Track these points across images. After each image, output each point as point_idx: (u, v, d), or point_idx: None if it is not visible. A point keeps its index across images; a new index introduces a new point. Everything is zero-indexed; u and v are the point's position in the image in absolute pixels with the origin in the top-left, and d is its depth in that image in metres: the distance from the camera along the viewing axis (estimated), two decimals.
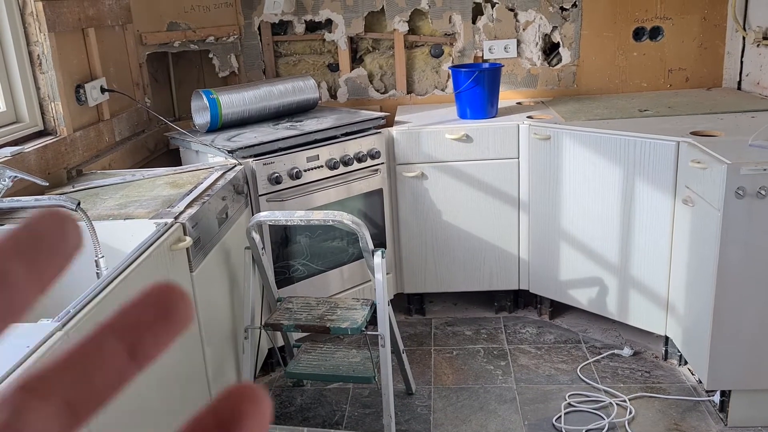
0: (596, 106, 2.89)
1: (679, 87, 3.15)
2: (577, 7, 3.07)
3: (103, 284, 1.39)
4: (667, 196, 2.32)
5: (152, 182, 2.18)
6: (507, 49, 3.13)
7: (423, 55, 3.22)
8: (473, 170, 2.75)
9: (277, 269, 2.48)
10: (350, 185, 2.63)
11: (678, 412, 2.26)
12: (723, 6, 3.02)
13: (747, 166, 1.93)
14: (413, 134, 2.73)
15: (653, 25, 3.08)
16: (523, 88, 3.20)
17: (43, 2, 2.13)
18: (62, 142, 2.22)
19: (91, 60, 2.46)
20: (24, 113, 2.19)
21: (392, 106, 3.20)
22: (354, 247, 2.67)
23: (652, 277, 2.44)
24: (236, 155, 2.36)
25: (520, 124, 2.70)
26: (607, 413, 2.26)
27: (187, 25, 3.01)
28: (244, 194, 2.33)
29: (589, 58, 3.14)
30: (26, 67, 2.17)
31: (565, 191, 2.62)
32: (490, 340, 2.78)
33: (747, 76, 2.97)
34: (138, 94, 2.84)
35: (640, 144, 2.36)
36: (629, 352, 2.59)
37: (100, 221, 1.77)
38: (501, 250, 2.84)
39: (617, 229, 2.50)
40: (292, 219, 2.07)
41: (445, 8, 3.11)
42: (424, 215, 2.83)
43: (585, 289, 2.69)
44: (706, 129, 2.35)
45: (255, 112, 2.70)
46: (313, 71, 3.23)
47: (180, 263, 1.75)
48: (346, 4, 3.11)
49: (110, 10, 2.59)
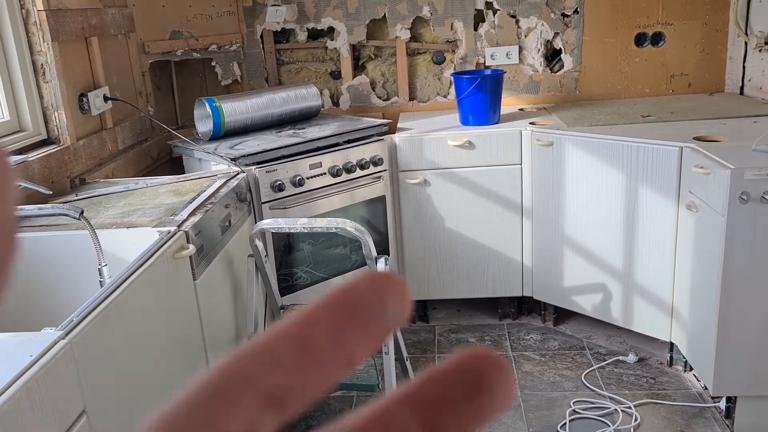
0: (599, 111, 2.88)
1: (681, 92, 3.15)
2: (578, 14, 3.08)
3: (106, 292, 1.39)
4: (670, 202, 2.32)
5: (155, 190, 2.18)
6: (509, 55, 3.14)
7: (425, 62, 3.23)
8: (476, 177, 2.75)
9: (281, 277, 2.48)
10: (353, 192, 2.63)
11: (684, 419, 2.25)
12: (725, 11, 3.02)
13: (751, 170, 1.93)
14: (416, 141, 2.73)
15: (655, 31, 3.08)
16: (525, 95, 3.20)
17: (46, 12, 2.14)
18: (65, 150, 2.23)
19: (94, 69, 2.46)
20: (27, 122, 2.20)
21: (394, 113, 3.20)
22: (357, 255, 2.67)
23: (657, 282, 2.43)
24: (239, 163, 2.36)
25: (523, 131, 2.70)
26: (613, 420, 2.25)
27: (190, 33, 3.02)
28: (247, 202, 2.33)
29: (591, 64, 3.14)
30: (30, 76, 2.18)
31: (568, 197, 2.62)
32: (494, 346, 2.77)
33: (749, 81, 2.96)
34: (141, 103, 2.84)
35: (643, 150, 2.36)
36: (634, 358, 2.58)
37: (103, 230, 1.77)
38: (504, 257, 2.83)
39: (621, 234, 2.49)
40: (295, 226, 2.07)
41: (447, 15, 3.11)
42: (427, 222, 2.82)
43: (589, 296, 2.68)
44: (709, 134, 2.34)
45: (258, 120, 2.71)
46: (315, 79, 3.23)
47: (183, 271, 1.74)
48: (348, 11, 3.12)
49: (113, 19, 2.60)
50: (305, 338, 0.19)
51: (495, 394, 0.19)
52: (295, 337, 0.19)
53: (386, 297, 0.20)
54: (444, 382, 0.19)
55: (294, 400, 0.19)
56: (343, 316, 0.19)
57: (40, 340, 1.17)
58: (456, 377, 0.19)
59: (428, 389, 0.19)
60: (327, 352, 0.19)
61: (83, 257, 1.71)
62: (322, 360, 0.19)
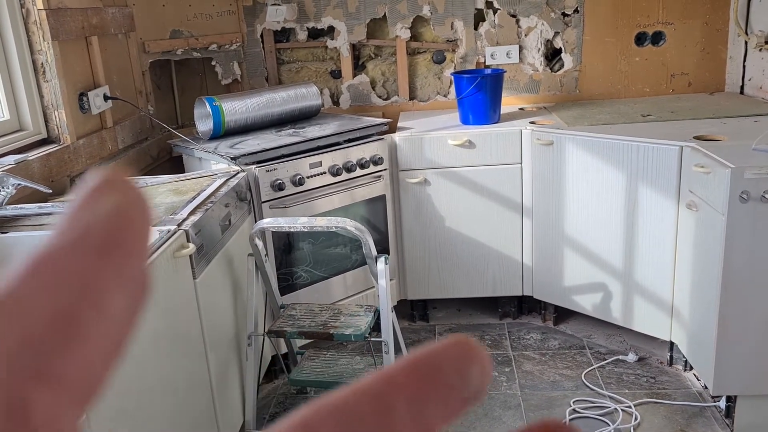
0: (599, 111, 2.88)
1: (681, 92, 3.14)
2: (578, 13, 3.07)
3: None
4: (670, 201, 2.32)
5: (155, 189, 2.18)
6: (509, 54, 3.14)
7: (425, 61, 3.23)
8: (476, 176, 2.75)
9: (280, 276, 2.48)
10: (353, 192, 2.63)
11: (684, 418, 2.25)
12: (725, 10, 3.02)
13: (751, 170, 1.93)
14: (416, 140, 2.73)
15: (655, 30, 3.08)
16: (525, 94, 3.20)
17: (46, 11, 2.14)
18: (66, 150, 2.23)
19: (94, 68, 2.47)
20: (27, 121, 2.20)
21: (395, 112, 3.20)
22: (357, 254, 2.67)
23: (657, 282, 2.43)
24: (239, 162, 2.36)
25: (523, 130, 2.70)
26: (613, 419, 2.25)
27: (190, 32, 3.02)
28: (247, 201, 2.33)
29: (592, 64, 3.14)
30: (30, 75, 2.18)
31: (568, 197, 2.62)
32: (494, 346, 2.77)
33: (749, 81, 2.96)
34: (141, 102, 2.84)
35: (643, 149, 2.36)
36: (634, 357, 2.58)
37: None
38: (504, 256, 2.83)
39: (621, 234, 2.49)
40: (295, 226, 2.07)
41: (447, 15, 3.11)
42: (428, 221, 2.82)
43: (589, 295, 2.68)
44: (709, 133, 2.34)
45: (258, 119, 2.71)
46: (315, 78, 3.23)
47: (183, 270, 1.74)
48: (348, 11, 3.12)
49: (113, 18, 2.60)
50: (386, 400, 0.18)
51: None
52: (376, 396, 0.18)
53: (468, 366, 0.19)
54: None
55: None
56: (425, 383, 0.18)
57: None
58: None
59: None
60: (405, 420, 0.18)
61: None
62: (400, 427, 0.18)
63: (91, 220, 0.17)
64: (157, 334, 1.59)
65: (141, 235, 0.18)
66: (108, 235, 0.17)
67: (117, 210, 0.18)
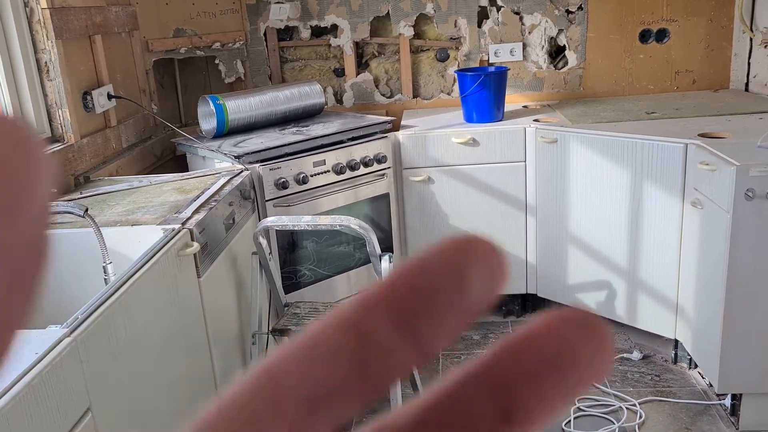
0: (603, 108, 2.88)
1: (686, 89, 3.13)
2: (582, 10, 3.07)
3: (111, 290, 1.39)
4: (675, 199, 2.31)
5: (159, 188, 2.18)
6: (513, 52, 3.13)
7: (429, 59, 3.22)
8: (480, 174, 2.74)
9: (284, 274, 2.48)
10: (357, 190, 2.62)
11: (689, 416, 2.24)
12: (729, 7, 3.01)
13: (756, 167, 1.92)
14: (419, 138, 2.73)
15: (659, 27, 3.07)
16: (529, 92, 3.19)
17: (50, 10, 2.14)
18: (69, 149, 2.23)
19: (98, 67, 2.47)
20: (31, 120, 2.20)
21: (398, 110, 3.20)
22: (361, 252, 2.67)
23: (661, 280, 2.42)
24: (243, 161, 2.36)
25: (527, 128, 2.69)
26: (617, 417, 2.25)
27: (193, 31, 3.02)
28: (251, 199, 2.33)
29: (596, 61, 3.13)
30: (33, 74, 2.18)
31: (572, 194, 2.61)
32: None
33: (755, 78, 2.95)
34: (144, 101, 2.84)
35: (647, 146, 2.35)
36: (638, 355, 2.58)
37: (107, 227, 1.77)
38: (508, 254, 2.82)
39: (625, 232, 2.49)
40: (299, 224, 2.07)
41: (451, 12, 3.11)
42: (431, 219, 2.82)
43: (593, 293, 2.67)
44: (714, 131, 2.33)
45: (261, 118, 2.71)
46: (318, 76, 3.23)
47: (187, 269, 1.75)
48: (351, 9, 3.12)
49: (117, 17, 2.60)
50: (363, 326, 0.16)
51: (583, 364, 0.16)
52: (351, 325, 0.16)
53: (469, 270, 0.16)
54: (522, 355, 0.16)
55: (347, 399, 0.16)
56: (411, 298, 0.16)
57: (45, 338, 1.17)
58: (536, 347, 0.16)
59: (504, 363, 0.16)
60: (390, 342, 0.15)
61: (88, 255, 1.71)
62: (384, 351, 0.15)
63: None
64: (161, 333, 1.59)
65: (23, 190, 0.13)
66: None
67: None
